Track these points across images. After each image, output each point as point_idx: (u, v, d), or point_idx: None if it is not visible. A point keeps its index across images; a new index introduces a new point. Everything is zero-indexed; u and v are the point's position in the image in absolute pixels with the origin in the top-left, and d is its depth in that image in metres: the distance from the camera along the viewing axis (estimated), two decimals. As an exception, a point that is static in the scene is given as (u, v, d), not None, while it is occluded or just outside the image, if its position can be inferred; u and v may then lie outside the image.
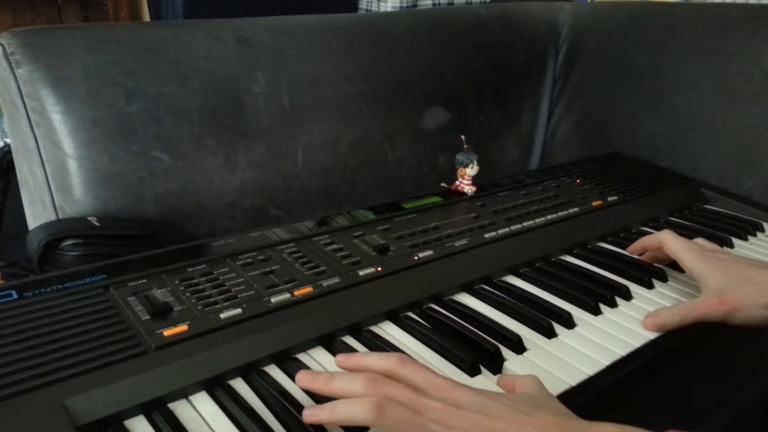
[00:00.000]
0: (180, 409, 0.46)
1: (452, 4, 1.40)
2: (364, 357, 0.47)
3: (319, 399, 0.47)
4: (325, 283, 0.60)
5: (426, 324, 0.58)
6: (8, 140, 0.98)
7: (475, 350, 0.54)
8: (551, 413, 0.41)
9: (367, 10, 1.43)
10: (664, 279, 0.69)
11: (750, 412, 0.53)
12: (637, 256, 0.73)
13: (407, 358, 0.45)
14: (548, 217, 0.80)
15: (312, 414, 0.43)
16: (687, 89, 1.04)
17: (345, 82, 0.95)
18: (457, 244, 0.70)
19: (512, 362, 0.54)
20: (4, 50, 0.72)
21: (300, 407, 0.46)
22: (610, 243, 0.78)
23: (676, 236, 0.66)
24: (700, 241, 0.68)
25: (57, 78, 0.73)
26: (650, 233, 0.81)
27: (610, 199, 0.87)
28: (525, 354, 0.55)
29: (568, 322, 0.59)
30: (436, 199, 0.82)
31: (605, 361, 0.54)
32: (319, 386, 0.45)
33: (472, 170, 0.83)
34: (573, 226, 0.80)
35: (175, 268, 0.60)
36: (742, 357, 0.60)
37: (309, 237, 0.69)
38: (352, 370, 0.47)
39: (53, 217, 0.76)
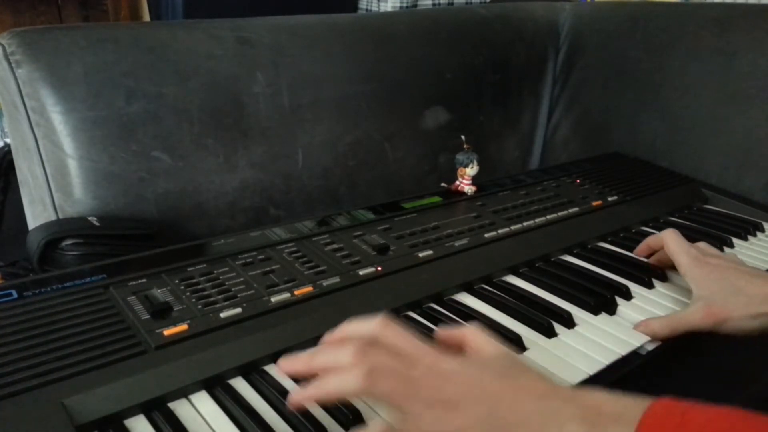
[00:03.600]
0: (180, 408, 0.46)
1: (452, 4, 1.41)
2: (347, 326, 0.45)
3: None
4: (325, 283, 0.60)
5: (426, 323, 0.58)
6: (8, 140, 0.98)
7: (475, 350, 0.54)
8: (533, 378, 0.41)
9: (367, 10, 1.43)
10: (664, 279, 0.69)
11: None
12: (644, 259, 0.72)
13: (389, 322, 0.44)
14: (548, 217, 0.80)
15: (298, 395, 0.42)
16: (687, 89, 1.04)
17: (345, 82, 0.95)
18: (457, 244, 0.70)
19: (512, 362, 0.54)
20: (4, 50, 0.72)
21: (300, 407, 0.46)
22: (610, 243, 0.78)
23: (678, 237, 0.65)
24: (701, 245, 0.67)
25: (57, 78, 0.73)
26: (650, 233, 0.81)
27: (610, 199, 0.87)
28: (525, 353, 0.55)
29: (568, 322, 0.59)
30: (436, 199, 0.82)
31: (605, 361, 0.54)
32: (302, 366, 0.43)
33: (472, 170, 0.83)
34: (573, 226, 0.80)
35: (175, 268, 0.60)
36: (743, 356, 0.60)
37: (309, 237, 0.69)
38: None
39: (53, 217, 0.76)
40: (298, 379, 0.49)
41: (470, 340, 0.45)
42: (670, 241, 0.65)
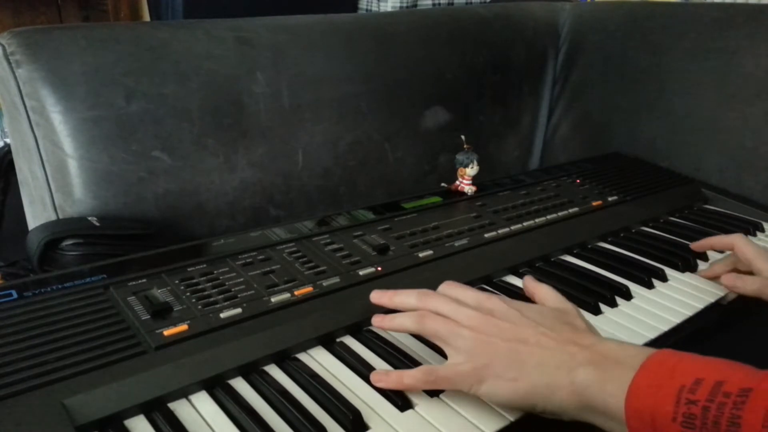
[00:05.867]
0: (180, 408, 0.46)
1: (452, 4, 1.40)
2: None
3: (316, 397, 0.48)
4: (325, 283, 0.60)
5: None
6: (8, 140, 0.98)
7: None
8: (569, 326, 0.47)
9: (367, 10, 1.43)
10: (664, 279, 0.69)
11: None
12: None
13: (453, 282, 0.54)
14: (548, 217, 0.80)
15: (378, 322, 0.53)
16: (687, 89, 1.04)
17: (345, 82, 0.95)
18: (457, 244, 0.70)
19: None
20: (4, 50, 0.72)
21: (300, 406, 0.46)
22: (610, 243, 0.78)
23: (749, 241, 0.67)
24: None
25: (57, 78, 0.73)
26: (651, 233, 0.81)
27: (610, 199, 0.87)
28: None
29: (568, 322, 0.59)
30: (436, 199, 0.82)
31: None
32: (386, 300, 0.54)
33: (472, 170, 0.83)
34: (573, 226, 0.80)
35: (175, 268, 0.60)
36: (747, 356, 0.60)
37: (309, 237, 0.69)
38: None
39: (53, 217, 0.76)
40: (297, 380, 0.50)
41: (538, 293, 0.54)
42: (744, 246, 0.66)
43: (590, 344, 0.45)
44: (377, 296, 0.55)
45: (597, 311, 0.62)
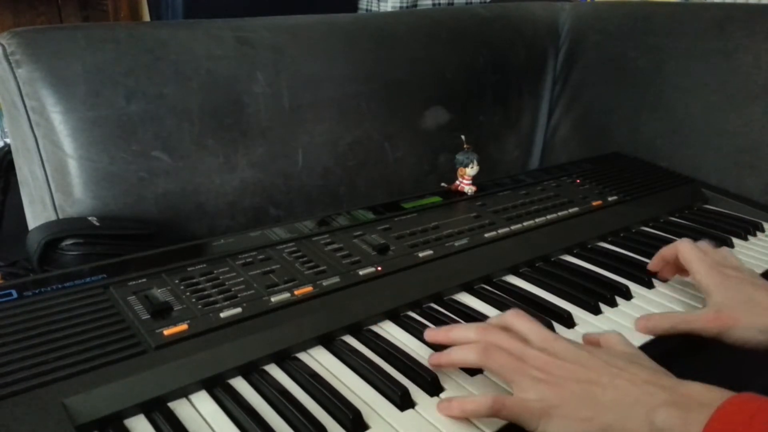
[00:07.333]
0: (180, 408, 0.46)
1: (452, 4, 1.41)
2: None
3: (316, 397, 0.48)
4: (325, 283, 0.60)
5: (426, 323, 0.58)
6: (8, 140, 0.98)
7: (475, 350, 0.54)
8: (643, 368, 0.45)
9: (367, 10, 1.43)
10: (664, 279, 0.69)
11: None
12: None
13: (520, 312, 0.51)
14: (548, 217, 0.80)
15: (435, 359, 0.51)
16: (687, 89, 1.04)
17: (345, 82, 0.95)
18: (457, 244, 0.70)
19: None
20: (4, 50, 0.72)
21: (300, 406, 0.46)
22: (610, 243, 0.78)
23: (692, 246, 0.64)
24: (723, 250, 0.66)
25: (57, 78, 0.73)
26: (650, 233, 0.81)
27: (610, 199, 0.87)
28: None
29: (568, 322, 0.59)
30: (436, 199, 0.82)
31: (605, 361, 0.54)
32: (442, 337, 0.52)
33: (472, 170, 0.83)
34: (573, 226, 0.80)
35: (175, 268, 0.60)
36: (743, 357, 0.60)
37: (309, 237, 0.69)
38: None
39: (53, 217, 0.76)
40: (297, 380, 0.50)
41: (605, 339, 0.51)
42: (685, 250, 0.63)
43: (671, 385, 0.43)
44: (432, 334, 0.53)
45: (597, 311, 0.62)
